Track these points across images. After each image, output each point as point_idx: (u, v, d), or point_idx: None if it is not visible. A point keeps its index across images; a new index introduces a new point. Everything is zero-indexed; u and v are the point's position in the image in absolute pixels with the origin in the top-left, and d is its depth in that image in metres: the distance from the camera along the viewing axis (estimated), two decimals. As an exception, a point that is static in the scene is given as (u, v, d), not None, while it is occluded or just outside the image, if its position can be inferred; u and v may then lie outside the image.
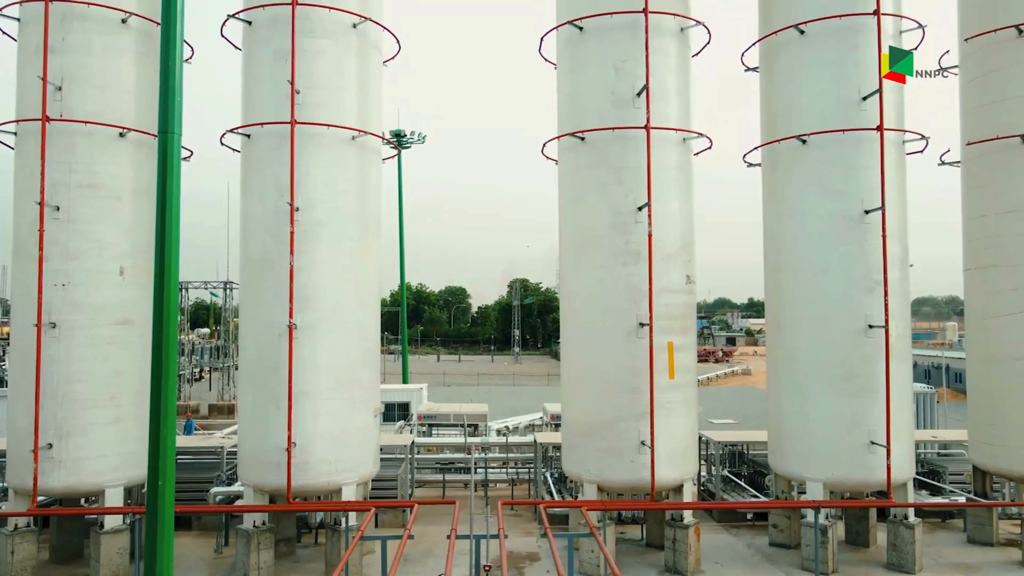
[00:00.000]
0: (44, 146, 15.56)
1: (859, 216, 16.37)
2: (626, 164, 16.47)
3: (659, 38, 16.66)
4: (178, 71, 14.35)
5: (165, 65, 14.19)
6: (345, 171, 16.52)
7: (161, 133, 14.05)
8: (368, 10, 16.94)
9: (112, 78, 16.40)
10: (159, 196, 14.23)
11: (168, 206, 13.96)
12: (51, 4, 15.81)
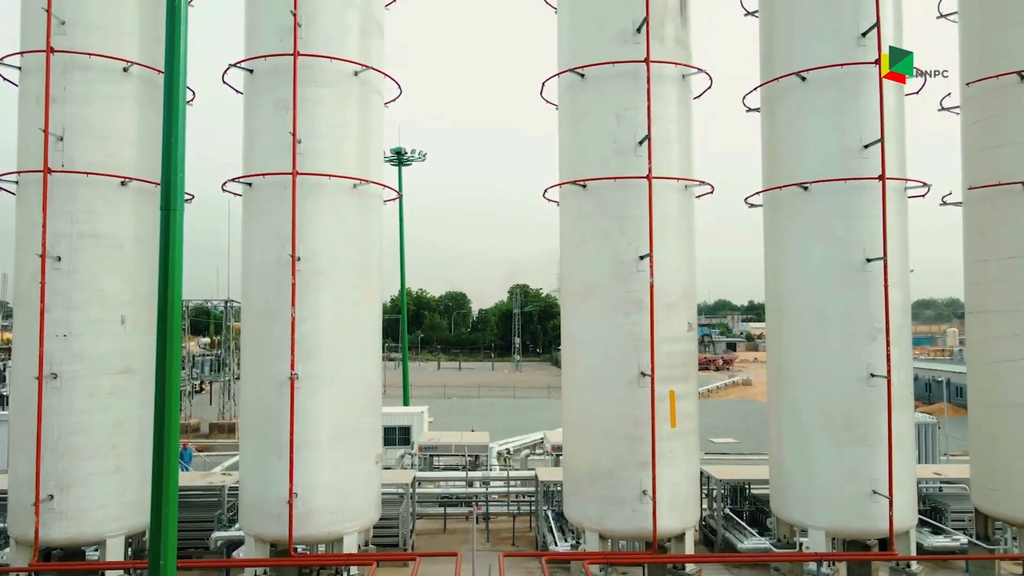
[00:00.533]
0: (46, 199, 15.56)
1: (861, 264, 16.36)
2: (628, 213, 16.47)
3: (661, 86, 16.66)
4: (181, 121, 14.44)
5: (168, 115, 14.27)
6: (347, 220, 16.52)
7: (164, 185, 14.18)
8: (369, 58, 16.94)
9: (114, 127, 16.40)
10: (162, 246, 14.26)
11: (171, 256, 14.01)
12: (52, 55, 15.78)
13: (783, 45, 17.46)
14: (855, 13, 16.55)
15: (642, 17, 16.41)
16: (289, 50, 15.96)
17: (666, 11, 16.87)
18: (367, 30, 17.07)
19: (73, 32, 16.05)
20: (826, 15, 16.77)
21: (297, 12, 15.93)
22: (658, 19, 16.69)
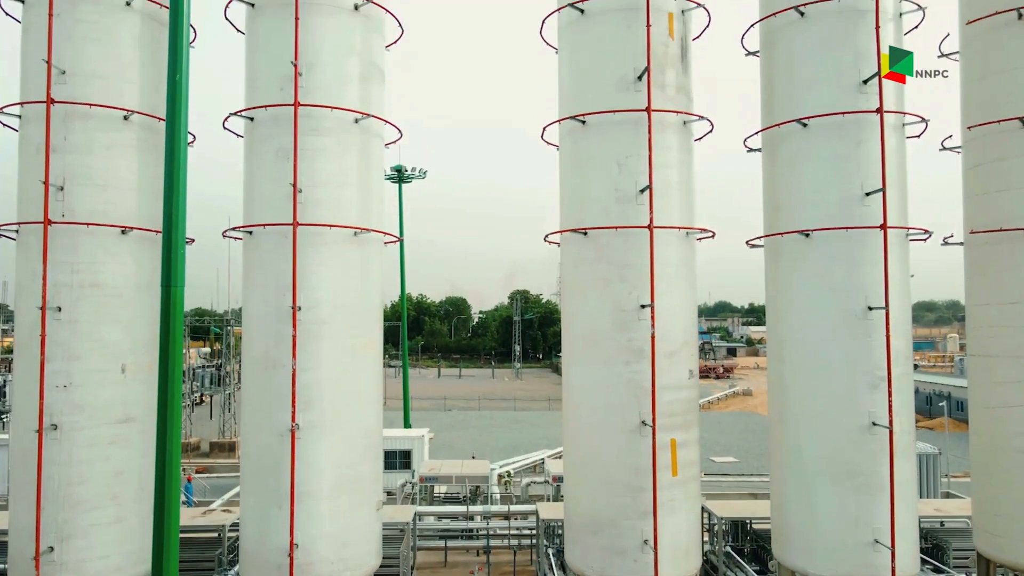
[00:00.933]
0: (46, 251, 15.54)
1: (863, 312, 16.32)
2: (629, 261, 16.44)
3: (662, 134, 16.64)
4: (182, 168, 14.52)
5: (170, 161, 14.36)
6: (348, 268, 16.50)
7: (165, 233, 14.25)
8: (370, 105, 16.93)
9: (114, 176, 16.38)
10: (163, 295, 14.35)
11: (172, 304, 14.10)
12: (53, 106, 15.76)
13: (784, 90, 17.44)
14: (856, 60, 16.51)
15: (643, 65, 16.39)
16: (290, 99, 15.94)
17: (667, 58, 16.85)
18: (367, 76, 17.05)
19: (73, 81, 16.03)
20: (827, 62, 16.74)
21: (297, 61, 15.90)
22: (659, 67, 16.67)
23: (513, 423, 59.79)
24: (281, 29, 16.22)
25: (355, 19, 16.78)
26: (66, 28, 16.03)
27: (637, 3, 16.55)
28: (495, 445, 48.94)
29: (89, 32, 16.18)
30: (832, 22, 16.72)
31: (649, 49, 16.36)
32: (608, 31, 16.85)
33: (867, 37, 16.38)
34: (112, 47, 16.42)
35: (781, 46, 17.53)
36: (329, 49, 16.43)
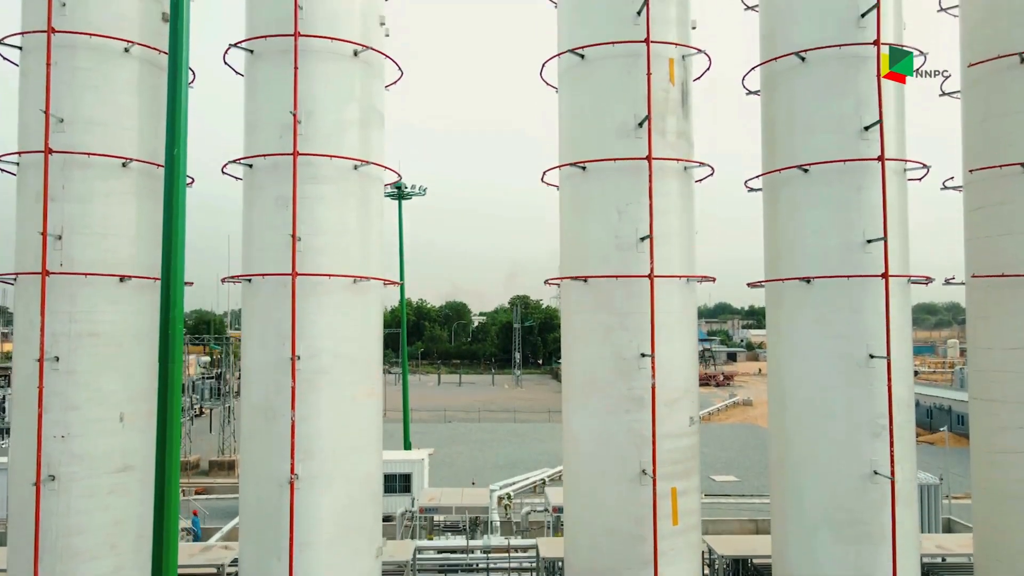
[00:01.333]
0: (44, 302, 15.46)
1: (864, 360, 16.24)
2: (629, 309, 16.38)
3: (662, 181, 16.58)
4: (181, 213, 14.49)
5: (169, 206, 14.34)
6: (348, 316, 16.43)
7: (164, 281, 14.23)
8: (369, 152, 16.87)
9: (113, 224, 16.32)
10: (161, 345, 14.32)
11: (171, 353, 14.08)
12: (51, 156, 15.70)
13: (785, 135, 17.37)
14: (857, 107, 16.43)
15: (644, 112, 16.33)
16: (289, 148, 15.87)
17: (667, 104, 16.79)
18: (367, 121, 16.99)
19: (72, 129, 15.97)
20: (828, 108, 16.66)
21: (297, 111, 15.84)
22: (659, 113, 16.61)
23: (513, 436, 59.71)
24: (280, 76, 16.15)
25: (354, 65, 16.71)
26: (64, 76, 15.96)
27: (637, 49, 16.49)
28: (495, 461, 48.90)
29: (87, 80, 16.11)
30: (833, 68, 16.65)
31: (650, 96, 16.30)
32: (608, 76, 16.79)
33: (868, 84, 16.31)
34: (110, 94, 16.35)
35: (782, 90, 17.46)
36: (328, 96, 16.36)
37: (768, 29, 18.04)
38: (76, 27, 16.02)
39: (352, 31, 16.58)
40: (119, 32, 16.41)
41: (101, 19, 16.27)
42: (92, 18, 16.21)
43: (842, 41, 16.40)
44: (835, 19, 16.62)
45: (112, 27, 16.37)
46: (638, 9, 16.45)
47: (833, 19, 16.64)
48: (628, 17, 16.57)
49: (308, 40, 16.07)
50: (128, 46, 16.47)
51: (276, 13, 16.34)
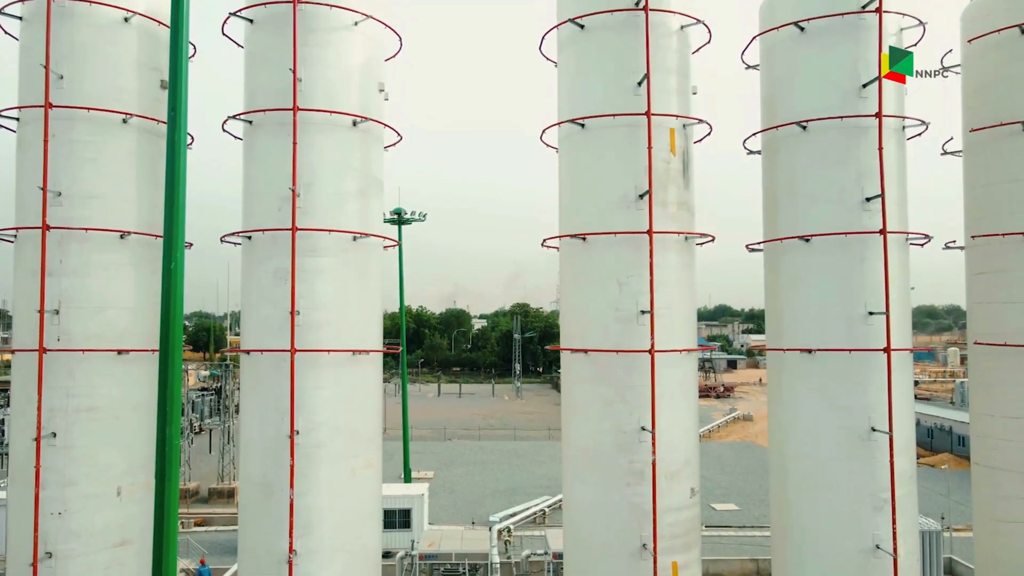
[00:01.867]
0: (41, 378, 15.39)
1: (866, 433, 16.15)
2: (630, 383, 16.28)
3: (663, 253, 16.48)
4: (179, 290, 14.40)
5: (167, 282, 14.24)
6: (347, 389, 16.34)
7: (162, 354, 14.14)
8: (368, 222, 16.80)
9: (111, 296, 16.24)
10: (159, 420, 14.22)
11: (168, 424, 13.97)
12: (48, 232, 15.62)
13: (786, 203, 17.29)
14: (859, 177, 16.36)
15: (644, 182, 16.24)
16: (287, 221, 15.79)
17: (668, 175, 16.70)
18: (366, 191, 16.91)
19: (70, 203, 15.90)
20: (829, 178, 16.57)
21: (296, 185, 15.76)
22: (661, 184, 16.53)
23: (513, 457, 59.48)
24: (279, 147, 16.07)
25: (353, 135, 16.63)
26: (62, 149, 15.91)
27: (638, 120, 16.40)
28: (495, 487, 48.71)
29: (85, 152, 16.06)
30: (834, 137, 16.56)
31: (651, 169, 16.22)
32: (609, 145, 16.70)
33: (870, 155, 16.22)
34: (108, 166, 16.29)
35: (783, 157, 17.38)
36: (327, 168, 16.28)
37: (768, 93, 17.96)
38: (74, 99, 15.95)
39: (351, 102, 16.51)
40: (117, 103, 16.34)
41: (99, 91, 16.22)
42: (90, 90, 16.15)
43: (844, 112, 16.33)
44: (836, 89, 16.55)
45: (110, 98, 16.30)
46: (639, 80, 16.36)
47: (834, 89, 16.57)
48: (629, 87, 16.49)
49: (307, 113, 15.98)
50: (127, 117, 16.38)
51: (275, 84, 16.27)
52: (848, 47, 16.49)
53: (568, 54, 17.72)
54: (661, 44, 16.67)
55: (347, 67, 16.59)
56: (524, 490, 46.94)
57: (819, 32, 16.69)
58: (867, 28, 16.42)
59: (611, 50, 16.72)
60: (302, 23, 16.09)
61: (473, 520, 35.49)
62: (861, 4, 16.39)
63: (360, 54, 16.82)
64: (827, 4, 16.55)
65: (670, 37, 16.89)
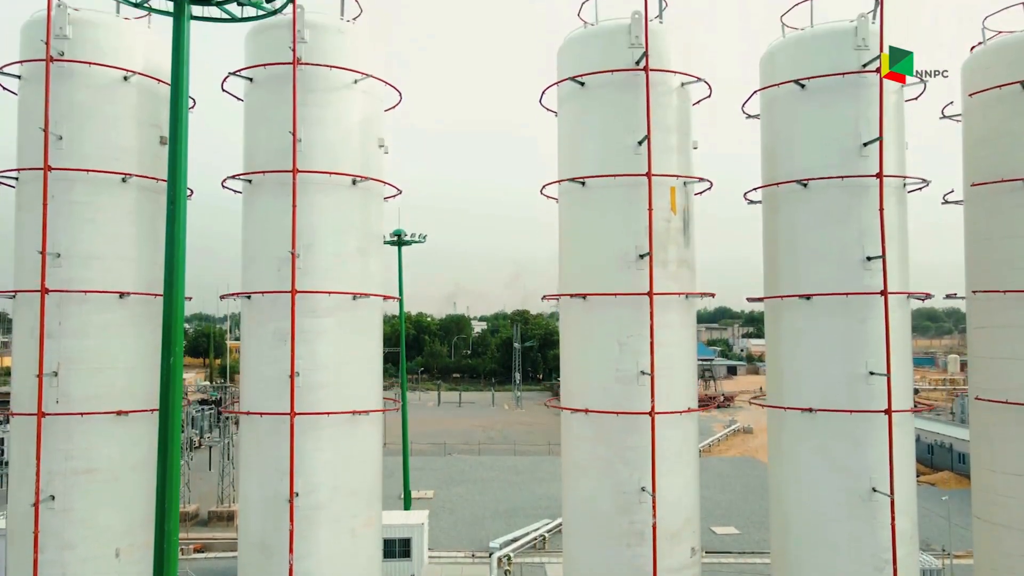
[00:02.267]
0: (40, 441, 15.33)
1: (867, 493, 16.10)
2: (630, 444, 16.25)
3: (664, 313, 16.44)
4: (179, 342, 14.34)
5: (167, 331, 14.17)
6: (347, 450, 16.31)
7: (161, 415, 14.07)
8: (368, 282, 16.77)
9: (110, 357, 16.18)
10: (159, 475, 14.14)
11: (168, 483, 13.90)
12: (47, 295, 15.56)
13: (787, 260, 17.24)
14: (860, 237, 16.31)
15: (645, 242, 16.20)
16: (287, 285, 15.76)
17: (669, 234, 16.67)
18: (365, 249, 16.88)
19: (69, 264, 15.85)
20: (830, 235, 16.52)
21: (295, 247, 15.72)
22: (661, 244, 16.49)
23: (513, 474, 59.37)
24: (278, 208, 16.05)
25: (353, 193, 16.61)
26: (62, 210, 15.86)
27: (639, 179, 16.36)
28: (495, 508, 48.56)
29: (84, 213, 16.01)
30: (835, 195, 16.52)
31: (651, 230, 16.19)
32: (609, 205, 16.67)
33: (871, 214, 16.17)
34: (107, 226, 16.24)
35: (784, 213, 17.34)
36: (327, 228, 16.26)
37: (769, 145, 17.92)
38: (73, 160, 15.90)
39: (351, 161, 16.49)
40: (117, 163, 16.29)
41: (99, 151, 16.17)
42: (89, 150, 16.10)
43: (845, 171, 16.30)
44: (837, 147, 16.52)
45: (110, 158, 16.24)
46: (639, 140, 16.32)
47: (835, 147, 16.53)
48: (629, 146, 16.46)
49: (307, 174, 15.94)
50: (126, 177, 16.33)
51: (274, 143, 16.24)
52: (849, 105, 16.47)
53: (568, 108, 17.69)
54: (662, 102, 16.64)
55: (347, 126, 16.57)
56: (524, 511, 46.82)
57: (820, 89, 16.66)
58: (868, 86, 16.40)
59: (611, 108, 16.70)
60: (302, 83, 16.06)
61: (473, 553, 35.39)
62: (862, 63, 16.37)
63: (359, 112, 16.80)
64: (828, 62, 16.54)
65: (670, 95, 16.86)
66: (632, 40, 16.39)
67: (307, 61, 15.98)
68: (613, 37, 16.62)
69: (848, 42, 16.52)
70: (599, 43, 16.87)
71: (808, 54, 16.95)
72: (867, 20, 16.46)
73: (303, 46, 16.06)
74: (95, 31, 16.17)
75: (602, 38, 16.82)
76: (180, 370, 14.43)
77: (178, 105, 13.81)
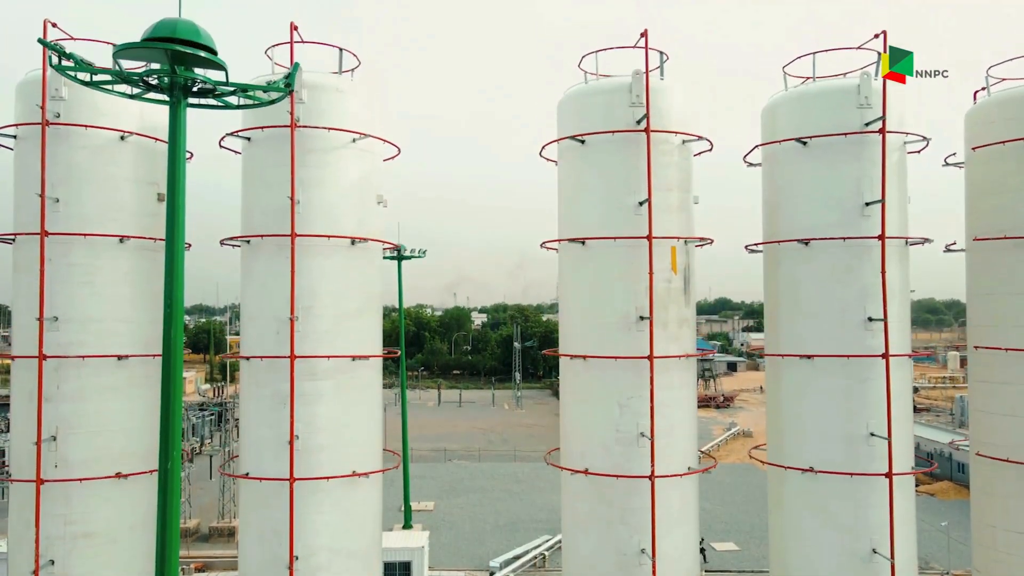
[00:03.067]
0: (39, 508, 15.34)
1: (868, 555, 16.14)
2: (630, 505, 16.27)
3: (664, 374, 16.42)
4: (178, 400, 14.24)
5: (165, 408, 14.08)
6: (346, 512, 16.34)
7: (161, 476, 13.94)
8: (366, 343, 16.74)
9: (108, 419, 16.17)
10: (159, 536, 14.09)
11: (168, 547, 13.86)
12: (45, 360, 15.50)
13: (787, 317, 17.24)
14: (862, 297, 16.30)
15: (645, 307, 16.16)
16: (286, 349, 15.71)
17: (669, 295, 16.61)
18: (364, 310, 16.84)
19: (67, 328, 15.81)
20: (831, 295, 16.52)
21: (294, 311, 15.67)
22: (662, 305, 16.43)
23: (514, 483, 59.55)
24: (276, 271, 16.00)
25: (352, 253, 16.55)
26: (59, 273, 15.80)
27: (639, 241, 16.27)
28: (496, 521, 48.75)
29: (81, 276, 15.95)
30: (836, 253, 16.47)
31: (651, 292, 16.14)
32: (610, 266, 16.61)
33: (873, 274, 16.16)
34: (105, 288, 16.19)
35: (784, 269, 17.33)
36: (326, 290, 16.20)
37: (770, 199, 17.86)
38: (71, 223, 15.84)
39: (349, 222, 16.43)
40: (114, 223, 16.23)
41: (96, 212, 16.10)
42: (87, 212, 16.03)
43: (846, 232, 16.31)
44: (839, 206, 16.48)
45: (107, 219, 16.17)
46: (640, 201, 16.22)
47: (837, 206, 16.49)
48: (630, 206, 16.39)
49: (306, 238, 15.87)
50: (123, 238, 16.24)
51: (272, 203, 16.15)
52: (851, 164, 16.39)
53: (568, 163, 17.60)
54: (663, 161, 16.55)
55: (345, 185, 16.49)
56: (524, 524, 46.95)
57: (822, 147, 16.56)
58: (870, 144, 16.32)
59: (612, 167, 16.61)
60: (300, 144, 15.96)
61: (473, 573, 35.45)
62: (864, 122, 16.25)
63: (358, 170, 16.71)
64: (830, 120, 16.45)
65: (672, 153, 16.76)
66: (633, 99, 16.27)
67: (305, 123, 15.88)
68: (613, 95, 16.51)
69: (851, 100, 16.41)
70: (599, 101, 16.76)
71: (810, 111, 16.85)
72: (869, 78, 16.34)
73: (301, 106, 15.94)
74: (91, 92, 15.98)
75: (602, 96, 16.71)
76: (179, 431, 14.35)
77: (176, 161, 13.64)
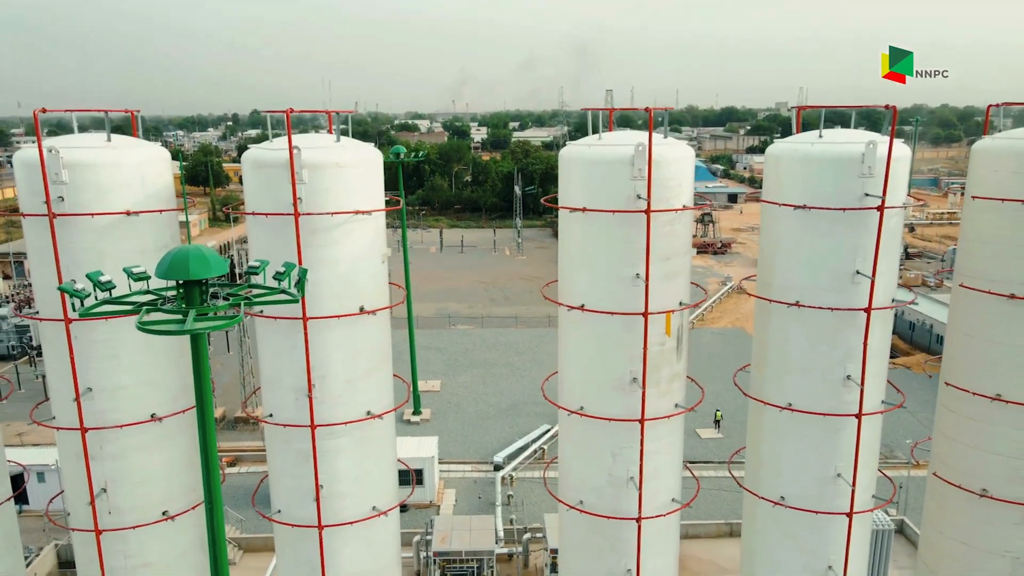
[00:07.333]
0: (100, 551, 17.47)
1: (824, 571, 18.53)
2: (621, 535, 18.36)
3: (654, 427, 17.82)
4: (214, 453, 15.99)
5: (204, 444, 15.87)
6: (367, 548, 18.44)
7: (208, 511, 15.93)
8: (379, 402, 18.02)
9: (149, 471, 17.79)
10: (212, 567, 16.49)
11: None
12: (87, 432, 16.87)
13: (774, 371, 18.33)
14: (845, 358, 17.30)
15: (639, 370, 17.22)
16: (305, 418, 17.05)
17: (663, 357, 17.59)
18: (374, 369, 17.93)
19: (100, 397, 16.97)
20: (817, 355, 17.50)
21: (311, 387, 16.79)
22: (655, 367, 17.49)
23: (515, 355, 63.17)
24: (290, 343, 16.88)
25: (362, 322, 17.30)
26: (84, 350, 16.66)
27: (636, 312, 17.01)
28: (498, 403, 52.66)
29: (105, 350, 16.80)
30: (824, 318, 17.21)
31: (645, 359, 17.14)
32: (609, 331, 17.38)
33: (856, 339, 17.04)
34: (129, 357, 17.03)
35: (775, 325, 18.10)
36: (338, 359, 17.19)
37: (767, 249, 18.31)
38: (89, 304, 16.41)
39: (357, 291, 17.03)
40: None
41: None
42: (103, 292, 16.53)
43: (835, 302, 16.90)
44: (830, 272, 16.97)
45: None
46: (637, 272, 16.73)
47: (828, 272, 16.97)
48: (628, 277, 16.89)
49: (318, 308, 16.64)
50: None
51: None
52: (848, 233, 16.68)
53: (568, 226, 17.89)
54: (663, 232, 16.82)
55: (352, 257, 16.88)
56: (524, 407, 50.83)
57: (819, 214, 16.73)
58: (867, 216, 16.48)
59: (611, 238, 16.89)
60: (305, 225, 16.19)
61: (479, 495, 39.13)
62: (865, 191, 16.32)
63: (365, 239, 17.01)
64: (832, 189, 16.50)
65: (672, 224, 16.96)
66: (635, 172, 16.23)
67: (309, 211, 16.01)
68: (614, 167, 16.43)
69: (854, 169, 16.34)
70: (600, 171, 16.70)
71: (813, 175, 16.82)
72: (874, 148, 16.15)
73: (303, 186, 16.00)
74: (94, 172, 16.00)
75: (604, 166, 16.62)
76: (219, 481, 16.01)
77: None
